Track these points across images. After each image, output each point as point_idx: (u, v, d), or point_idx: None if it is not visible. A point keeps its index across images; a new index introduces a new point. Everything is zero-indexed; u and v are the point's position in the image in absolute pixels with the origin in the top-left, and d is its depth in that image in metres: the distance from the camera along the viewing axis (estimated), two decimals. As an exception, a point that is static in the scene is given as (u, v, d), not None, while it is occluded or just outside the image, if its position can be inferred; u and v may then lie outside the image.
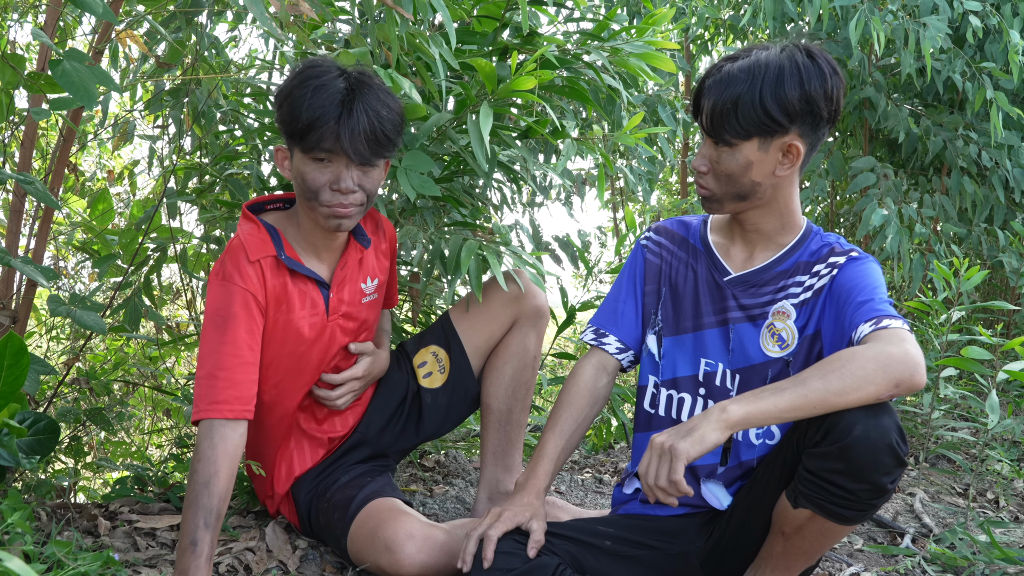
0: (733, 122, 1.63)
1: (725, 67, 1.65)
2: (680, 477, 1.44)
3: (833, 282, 1.69)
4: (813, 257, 1.74)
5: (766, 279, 1.76)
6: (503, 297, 2.16)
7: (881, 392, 1.44)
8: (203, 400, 1.72)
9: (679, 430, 1.48)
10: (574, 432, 1.83)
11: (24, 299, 2.35)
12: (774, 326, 1.73)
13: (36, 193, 1.92)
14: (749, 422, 1.45)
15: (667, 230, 1.91)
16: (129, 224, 2.78)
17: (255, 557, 1.92)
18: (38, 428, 1.96)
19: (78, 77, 1.62)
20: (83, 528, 2.01)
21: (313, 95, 1.70)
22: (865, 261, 1.70)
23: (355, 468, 2.08)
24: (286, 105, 1.74)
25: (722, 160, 1.67)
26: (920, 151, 4.17)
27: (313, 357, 1.94)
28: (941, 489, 2.85)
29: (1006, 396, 3.49)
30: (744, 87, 1.61)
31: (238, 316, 1.76)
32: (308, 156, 1.75)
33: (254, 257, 1.80)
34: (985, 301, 4.27)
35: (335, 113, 1.70)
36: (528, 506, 1.70)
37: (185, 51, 2.58)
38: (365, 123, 1.71)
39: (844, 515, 1.52)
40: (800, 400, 1.44)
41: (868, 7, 3.40)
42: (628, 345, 1.88)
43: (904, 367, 1.44)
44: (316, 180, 1.76)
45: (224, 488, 1.67)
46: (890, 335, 1.50)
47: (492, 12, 2.24)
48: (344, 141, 1.71)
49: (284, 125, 1.76)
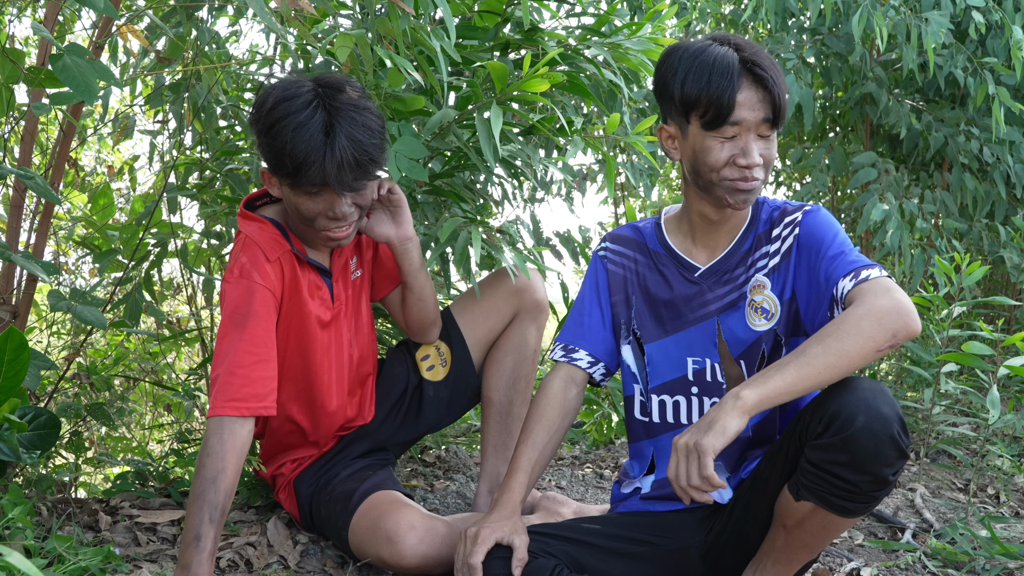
0: (784, 111, 1.64)
1: (759, 52, 1.62)
2: (711, 472, 1.44)
3: (798, 240, 1.70)
4: (767, 224, 1.76)
5: (734, 263, 1.76)
6: (504, 291, 2.16)
7: (880, 345, 1.46)
8: (220, 396, 1.72)
9: (699, 427, 1.47)
10: (547, 444, 1.80)
11: (25, 294, 2.35)
12: (754, 301, 1.74)
13: (37, 188, 1.92)
14: (764, 403, 1.46)
15: (623, 238, 1.89)
16: (130, 219, 2.78)
17: (256, 552, 1.93)
18: (39, 423, 1.96)
19: (79, 72, 1.61)
20: (84, 523, 2.01)
21: (294, 135, 1.67)
22: (819, 212, 1.72)
23: (356, 462, 2.08)
24: (267, 141, 1.71)
25: (769, 150, 1.66)
26: (921, 147, 4.16)
27: (321, 346, 1.95)
28: (942, 484, 2.85)
29: (1007, 392, 3.49)
30: (783, 79, 1.63)
31: (258, 314, 1.77)
32: (299, 190, 1.75)
33: (273, 256, 1.82)
34: (986, 297, 4.27)
35: (319, 153, 1.68)
36: (506, 521, 1.68)
37: (186, 46, 2.57)
38: (350, 155, 1.69)
39: (846, 507, 1.52)
40: (805, 369, 1.45)
41: (870, 2, 3.39)
42: (599, 358, 1.86)
43: (898, 316, 1.47)
44: (311, 210, 1.77)
45: (230, 484, 1.68)
46: (874, 287, 1.52)
47: (493, 7, 2.23)
48: (331, 178, 1.70)
49: (268, 160, 1.75)
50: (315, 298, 1.91)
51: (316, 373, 1.96)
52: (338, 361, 2.00)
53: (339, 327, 1.98)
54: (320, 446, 2.07)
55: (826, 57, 4.05)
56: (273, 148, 1.71)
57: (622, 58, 2.22)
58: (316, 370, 1.96)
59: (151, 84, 2.98)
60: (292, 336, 1.90)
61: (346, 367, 2.03)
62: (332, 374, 1.99)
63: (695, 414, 1.79)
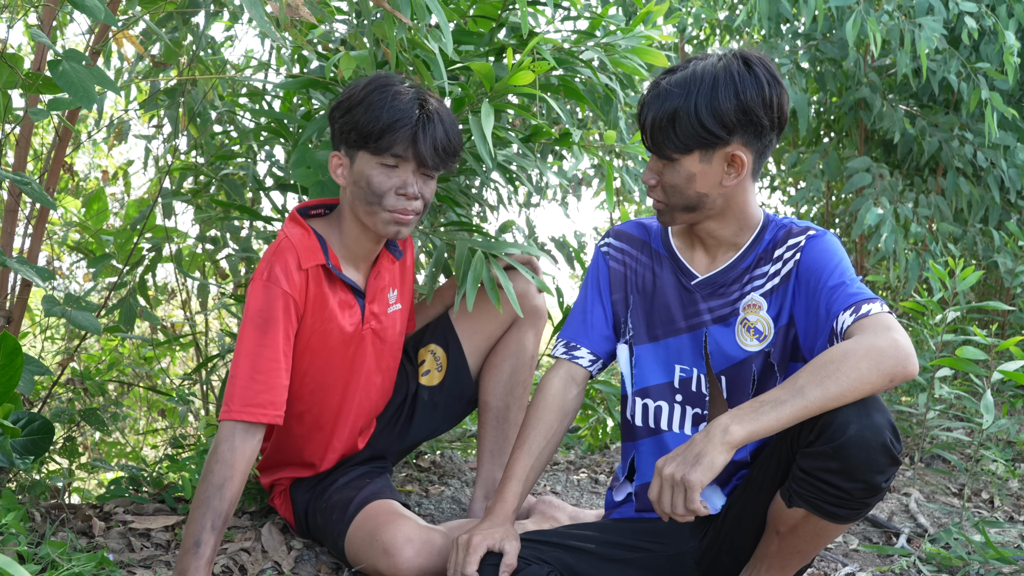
0: (672, 136, 1.62)
1: (663, 81, 1.64)
2: (698, 505, 1.44)
3: (799, 266, 1.69)
4: (771, 244, 1.73)
5: (731, 278, 1.75)
6: (502, 296, 2.16)
7: (877, 388, 1.45)
8: (236, 400, 1.72)
9: (685, 457, 1.46)
10: (543, 449, 1.80)
11: (19, 299, 2.34)
12: (747, 320, 1.73)
13: (32, 193, 1.91)
14: (753, 438, 1.45)
15: (627, 235, 1.89)
16: (124, 224, 2.78)
17: (251, 558, 1.92)
18: (32, 428, 1.96)
19: (77, 78, 1.61)
20: (78, 529, 2.00)
21: (393, 100, 1.75)
22: (824, 238, 1.69)
23: (354, 470, 2.08)
24: (359, 110, 1.76)
25: (666, 174, 1.66)
26: (915, 151, 4.18)
27: (342, 367, 1.94)
28: (936, 489, 2.86)
29: (1001, 396, 3.50)
30: (679, 101, 1.60)
31: (279, 320, 1.77)
32: (377, 159, 1.78)
33: (306, 265, 1.82)
34: (980, 301, 4.28)
35: (413, 119, 1.75)
36: (498, 528, 1.68)
37: (181, 51, 2.57)
38: (441, 132, 1.78)
39: (838, 514, 1.52)
40: (800, 411, 1.44)
41: (864, 8, 3.40)
42: (600, 356, 1.86)
43: (896, 360, 1.45)
44: (383, 184, 1.78)
45: (236, 493, 1.68)
46: (875, 324, 1.50)
47: (489, 12, 2.24)
48: (421, 145, 1.76)
49: (354, 129, 1.78)
50: (344, 316, 1.89)
51: (330, 393, 1.95)
52: (355, 383, 1.98)
53: (363, 350, 1.96)
54: (317, 469, 2.07)
55: (820, 62, 4.07)
56: (364, 114, 1.76)
57: (617, 63, 2.22)
58: (331, 390, 1.95)
59: (146, 90, 2.98)
60: (309, 353, 1.88)
61: (362, 391, 2.01)
62: (349, 396, 1.98)
63: (675, 422, 1.79)
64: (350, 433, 2.04)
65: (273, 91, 2.51)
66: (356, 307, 1.92)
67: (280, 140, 2.42)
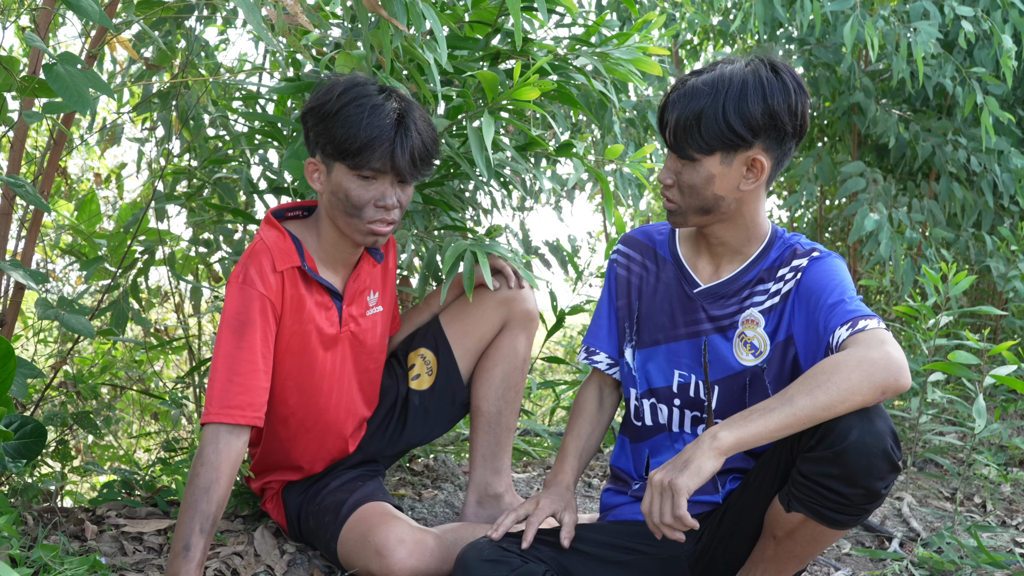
0: (696, 136, 1.63)
1: (690, 81, 1.65)
2: (684, 512, 1.44)
3: (799, 285, 1.70)
4: (777, 262, 1.75)
5: (733, 290, 1.76)
6: (493, 300, 2.16)
7: (868, 400, 1.45)
8: (215, 403, 1.72)
9: (675, 465, 1.47)
10: (591, 434, 1.91)
11: (12, 302, 2.34)
12: (745, 335, 1.74)
13: (27, 196, 1.91)
14: (742, 446, 1.45)
15: (635, 241, 1.91)
16: (117, 227, 2.77)
17: (243, 562, 1.92)
18: (25, 432, 1.95)
19: (72, 82, 1.61)
20: (70, 532, 2.00)
21: (370, 115, 1.73)
22: (828, 259, 1.71)
23: (346, 473, 2.08)
24: (335, 124, 1.75)
25: (685, 173, 1.67)
26: (909, 156, 4.19)
27: (324, 369, 1.94)
28: (928, 493, 2.86)
29: (993, 400, 3.50)
30: (707, 101, 1.61)
31: (256, 322, 1.77)
32: (354, 172, 1.77)
33: (280, 267, 1.82)
34: (973, 306, 4.29)
35: (391, 134, 1.74)
36: (561, 497, 1.79)
37: (174, 55, 2.57)
38: (419, 143, 1.77)
39: (837, 519, 1.52)
40: (789, 419, 1.44)
41: (861, 12, 3.41)
42: (616, 360, 1.91)
43: (888, 373, 1.45)
44: (361, 197, 1.78)
45: (223, 495, 1.68)
46: (869, 338, 1.50)
47: (484, 18, 2.24)
48: (399, 160, 1.75)
49: (331, 143, 1.77)
50: (320, 318, 1.90)
51: (314, 396, 1.95)
52: (337, 386, 1.99)
53: (343, 351, 1.96)
54: (306, 472, 2.07)
55: (814, 67, 4.08)
56: (341, 129, 1.74)
57: (611, 69, 2.23)
58: (314, 393, 1.95)
59: (139, 93, 2.97)
60: (290, 356, 1.88)
61: (344, 393, 2.01)
62: (332, 398, 1.99)
63: (675, 423, 1.82)
64: (337, 436, 2.04)
65: (267, 95, 2.51)
66: (334, 309, 1.92)
67: (274, 144, 2.41)
